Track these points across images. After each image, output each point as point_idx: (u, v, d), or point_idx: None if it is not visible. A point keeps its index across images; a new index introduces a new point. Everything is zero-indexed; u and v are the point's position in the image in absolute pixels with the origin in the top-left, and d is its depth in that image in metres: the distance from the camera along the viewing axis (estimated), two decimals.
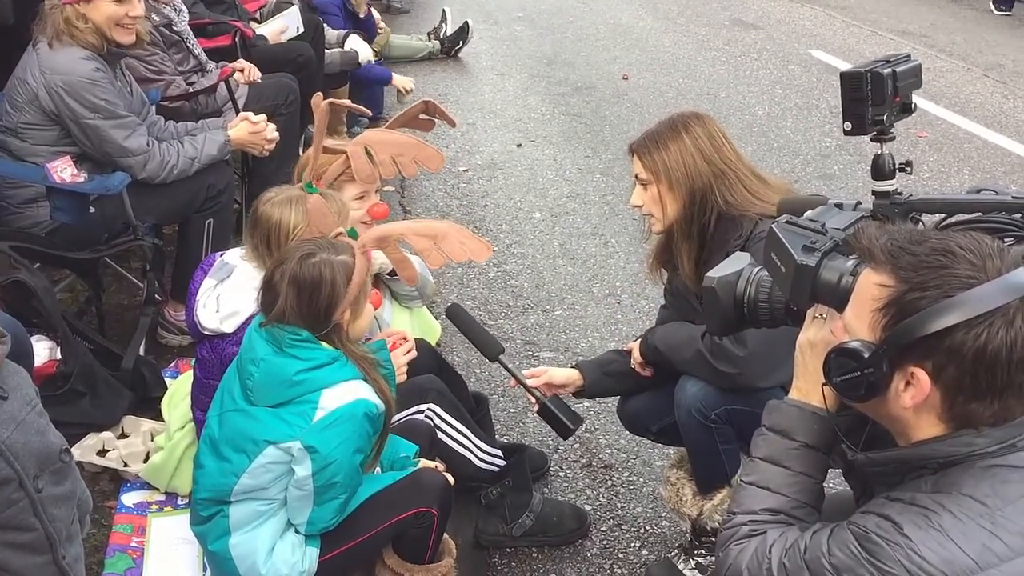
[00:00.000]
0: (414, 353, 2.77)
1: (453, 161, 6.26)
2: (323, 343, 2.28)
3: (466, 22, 8.45)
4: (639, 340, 2.82)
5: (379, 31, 7.14)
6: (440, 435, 2.84)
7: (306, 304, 2.23)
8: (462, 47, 8.40)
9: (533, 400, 2.84)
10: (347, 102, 3.52)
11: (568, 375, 2.88)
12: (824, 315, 1.66)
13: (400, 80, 6.66)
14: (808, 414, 1.70)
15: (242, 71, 4.47)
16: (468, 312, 3.05)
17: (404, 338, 2.79)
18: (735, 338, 2.48)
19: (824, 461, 1.72)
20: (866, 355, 1.43)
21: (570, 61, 8.45)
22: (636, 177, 2.66)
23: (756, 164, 2.71)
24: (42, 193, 3.45)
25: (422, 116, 3.05)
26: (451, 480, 2.55)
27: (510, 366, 2.87)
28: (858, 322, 1.47)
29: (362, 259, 2.29)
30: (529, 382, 2.84)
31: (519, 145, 6.55)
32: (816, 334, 1.68)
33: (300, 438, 2.21)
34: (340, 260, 2.26)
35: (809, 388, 1.70)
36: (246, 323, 2.62)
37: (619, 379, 2.90)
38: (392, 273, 3.06)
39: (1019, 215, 1.69)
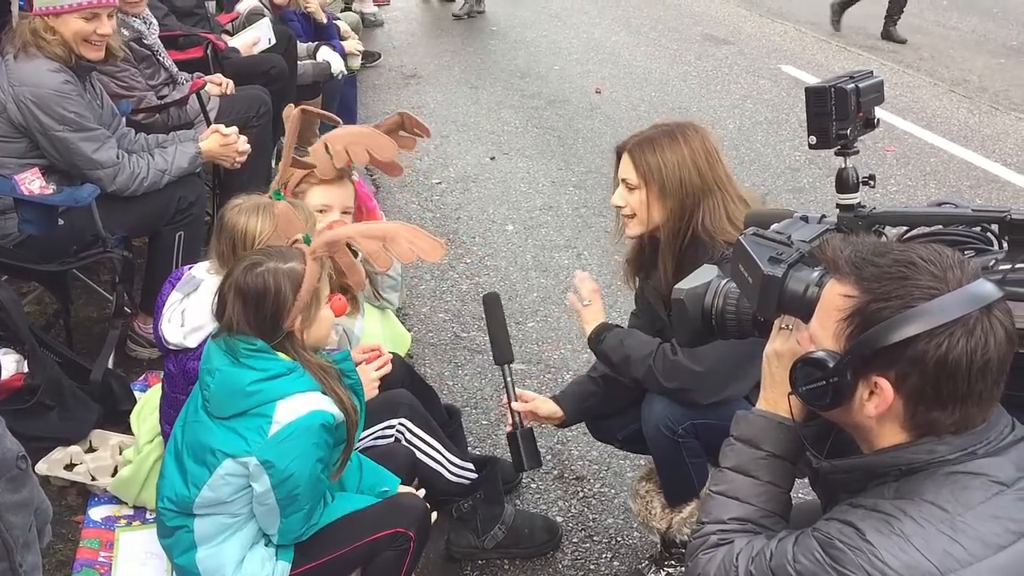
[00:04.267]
0: (388, 368, 2.77)
1: (426, 173, 6.27)
2: (280, 353, 2.26)
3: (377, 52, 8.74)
4: (592, 328, 2.77)
5: (346, 38, 7.13)
6: (411, 449, 2.84)
7: (252, 313, 2.22)
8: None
9: (509, 421, 2.85)
10: (321, 111, 3.52)
11: (551, 411, 2.89)
12: (790, 326, 1.68)
13: (349, 45, 6.69)
14: (775, 424, 1.72)
15: (219, 84, 4.46)
16: (502, 307, 2.94)
17: (379, 352, 2.79)
18: (689, 354, 2.50)
19: (791, 471, 1.74)
20: (831, 364, 1.46)
21: (543, 75, 8.49)
22: (622, 180, 2.62)
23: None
24: (10, 205, 3.42)
25: (402, 133, 3.05)
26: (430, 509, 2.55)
27: (509, 379, 2.85)
28: (823, 332, 1.50)
29: (313, 265, 2.28)
30: (515, 405, 2.83)
31: (492, 158, 6.57)
32: (782, 345, 1.69)
33: (256, 453, 2.19)
34: (287, 268, 2.25)
35: (776, 398, 1.72)
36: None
37: (597, 409, 2.94)
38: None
39: (978, 228, 1.72)
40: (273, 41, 5.40)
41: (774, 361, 1.71)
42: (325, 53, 5.97)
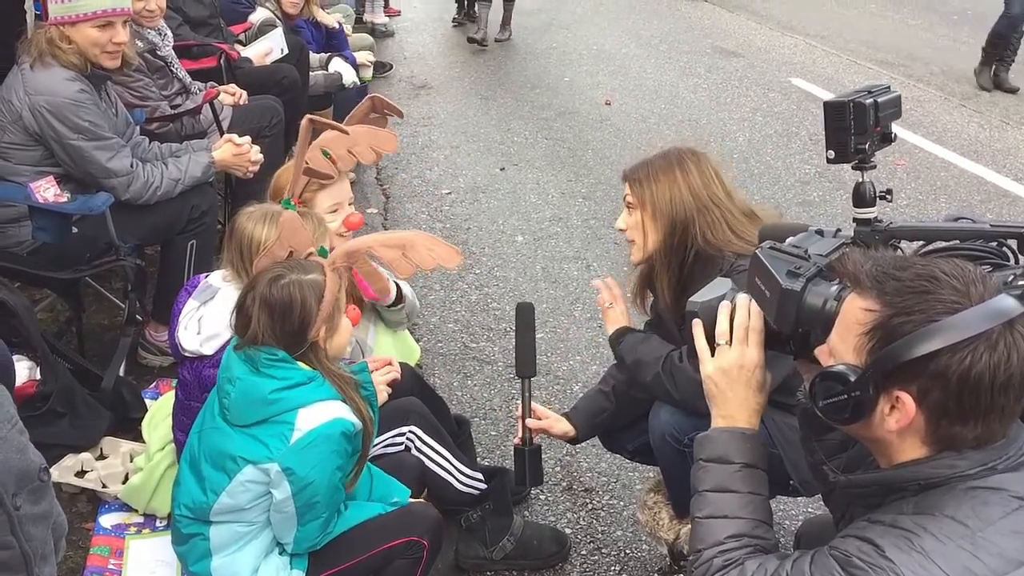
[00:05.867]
0: (394, 375, 2.78)
1: (436, 184, 6.28)
2: (300, 363, 2.28)
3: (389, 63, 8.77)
4: (614, 330, 2.81)
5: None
6: (421, 458, 2.84)
7: (279, 325, 2.25)
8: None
9: (519, 435, 2.86)
10: (329, 121, 3.53)
11: (564, 431, 2.93)
12: (727, 342, 1.73)
13: (361, 56, 6.67)
14: (738, 435, 1.75)
15: (232, 94, 4.48)
16: (534, 320, 2.91)
17: (389, 363, 2.80)
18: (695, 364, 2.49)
19: (764, 477, 1.76)
20: (852, 378, 1.45)
21: (553, 86, 8.51)
22: (624, 199, 2.69)
23: (739, 192, 2.72)
24: (24, 213, 3.43)
25: (372, 115, 3.07)
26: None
27: (527, 394, 2.84)
28: (843, 346, 1.49)
29: (333, 276, 2.32)
30: (529, 421, 2.84)
31: (502, 168, 6.57)
32: (725, 360, 1.74)
33: (278, 460, 2.21)
34: (310, 279, 2.28)
35: (732, 412, 1.75)
36: (226, 345, 2.63)
37: (609, 424, 2.96)
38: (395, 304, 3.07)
39: (995, 243, 1.72)
40: (285, 51, 5.42)
41: (720, 379, 1.75)
42: (337, 64, 5.99)
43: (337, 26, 6.49)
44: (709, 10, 11.66)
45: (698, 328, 1.80)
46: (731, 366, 1.74)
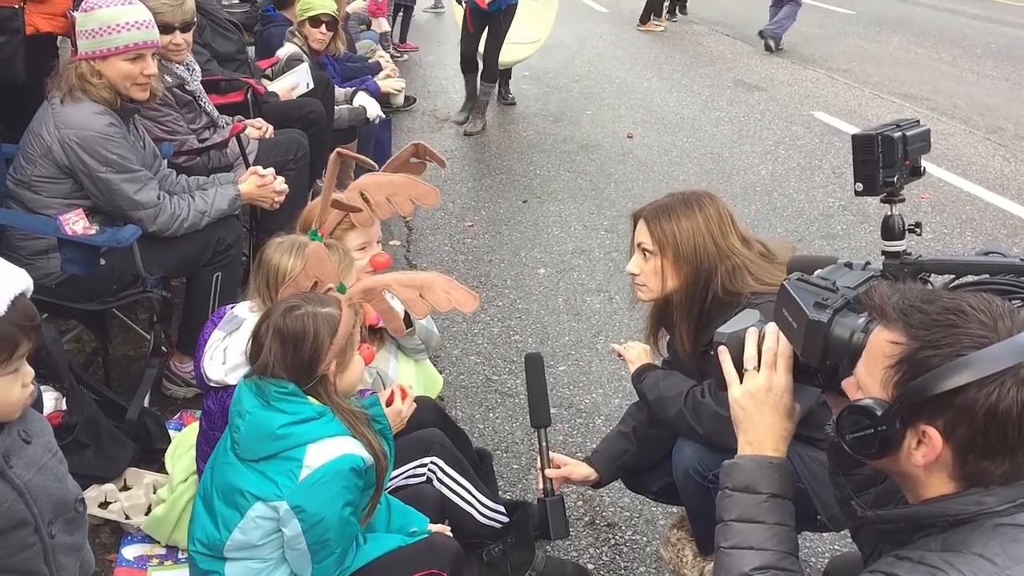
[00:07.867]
0: (410, 404, 2.78)
1: (459, 216, 6.31)
2: (310, 398, 2.27)
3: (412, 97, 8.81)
4: (636, 368, 2.82)
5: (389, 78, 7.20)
6: (443, 489, 2.83)
7: (290, 356, 2.24)
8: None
9: (540, 486, 2.85)
10: (357, 155, 3.55)
11: (585, 475, 2.92)
12: (755, 367, 1.73)
13: (388, 84, 6.68)
14: (765, 464, 1.73)
15: (258, 128, 4.54)
16: (544, 369, 2.95)
17: (403, 392, 2.80)
18: (717, 397, 2.47)
19: (791, 507, 1.74)
20: (879, 412, 1.44)
21: (575, 119, 8.56)
22: (639, 245, 2.64)
23: (759, 226, 2.72)
24: (53, 245, 3.47)
25: (413, 160, 3.09)
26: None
27: (544, 444, 2.85)
28: (870, 379, 1.48)
29: (348, 312, 2.31)
30: (548, 472, 2.83)
31: (524, 201, 6.60)
32: (753, 383, 1.73)
33: (287, 498, 2.19)
34: (325, 313, 2.27)
35: (760, 438, 1.74)
36: None
37: (631, 465, 2.95)
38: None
39: None
40: (311, 86, 5.48)
41: (748, 403, 1.75)
42: (361, 98, 6.06)
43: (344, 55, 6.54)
44: (730, 44, 11.72)
45: (725, 355, 1.79)
46: (759, 389, 1.73)
